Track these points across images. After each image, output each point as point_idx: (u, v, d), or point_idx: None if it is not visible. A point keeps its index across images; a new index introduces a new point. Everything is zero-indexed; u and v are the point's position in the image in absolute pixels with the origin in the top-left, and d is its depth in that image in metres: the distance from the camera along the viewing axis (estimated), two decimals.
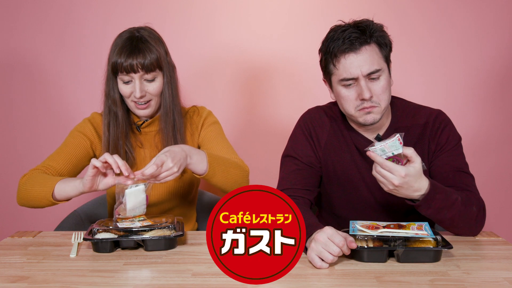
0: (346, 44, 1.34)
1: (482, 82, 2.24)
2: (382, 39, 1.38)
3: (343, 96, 1.39)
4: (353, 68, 1.34)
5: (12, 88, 2.30)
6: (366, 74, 1.34)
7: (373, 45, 1.37)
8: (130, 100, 1.52)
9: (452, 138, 1.45)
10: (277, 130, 2.28)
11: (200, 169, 1.41)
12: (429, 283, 1.08)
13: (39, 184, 1.42)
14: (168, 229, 1.32)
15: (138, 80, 1.48)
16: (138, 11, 2.22)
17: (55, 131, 2.29)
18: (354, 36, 1.34)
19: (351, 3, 2.20)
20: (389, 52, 1.41)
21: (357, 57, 1.34)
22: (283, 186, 1.47)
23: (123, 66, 1.46)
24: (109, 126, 1.54)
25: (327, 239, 1.17)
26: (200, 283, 1.09)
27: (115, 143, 1.54)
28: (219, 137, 1.62)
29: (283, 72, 2.26)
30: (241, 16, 2.24)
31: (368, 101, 1.36)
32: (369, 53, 1.35)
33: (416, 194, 1.24)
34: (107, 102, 1.55)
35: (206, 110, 1.68)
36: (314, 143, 1.51)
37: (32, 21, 2.25)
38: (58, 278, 1.12)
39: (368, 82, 1.36)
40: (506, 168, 2.30)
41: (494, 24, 2.20)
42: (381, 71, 1.36)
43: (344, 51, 1.35)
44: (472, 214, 1.34)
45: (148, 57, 1.47)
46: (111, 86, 1.52)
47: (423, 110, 1.50)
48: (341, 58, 1.36)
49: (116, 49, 1.49)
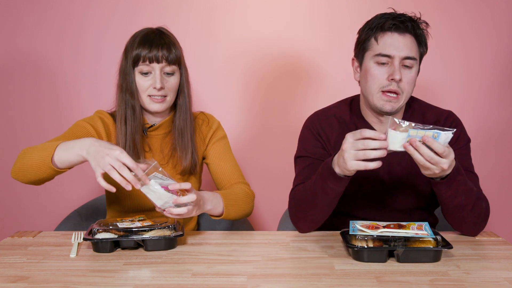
0: (397, 23, 1.38)
1: (482, 82, 2.25)
2: (421, 37, 1.41)
3: (373, 74, 1.40)
4: (393, 46, 1.37)
5: (13, 88, 2.30)
6: (403, 57, 1.37)
7: (413, 38, 1.40)
8: (147, 94, 1.50)
9: (462, 138, 1.47)
10: (289, 131, 2.28)
11: (217, 212, 1.45)
12: (429, 283, 1.08)
13: (37, 150, 1.35)
14: (168, 229, 1.32)
15: (159, 71, 1.47)
16: (139, 9, 2.22)
17: (56, 131, 2.29)
18: (404, 20, 1.39)
19: (358, 3, 2.20)
20: (423, 52, 1.44)
21: (400, 39, 1.38)
22: (297, 182, 1.48)
23: (147, 56, 1.45)
24: (126, 120, 1.51)
25: (353, 140, 1.18)
26: (200, 283, 1.09)
27: (133, 137, 1.50)
28: (227, 154, 1.63)
29: (291, 72, 2.26)
30: (245, 16, 2.23)
31: (395, 84, 1.37)
32: (411, 40, 1.39)
33: (446, 172, 1.23)
34: (123, 96, 1.51)
35: (216, 121, 1.67)
36: (324, 141, 1.51)
37: (32, 20, 2.24)
38: (58, 278, 1.12)
39: (401, 67, 1.38)
40: (506, 168, 2.30)
41: (495, 24, 2.20)
42: (415, 62, 1.39)
43: (391, 28, 1.38)
44: (482, 209, 1.35)
45: (172, 50, 1.48)
46: (129, 79, 1.49)
47: (434, 110, 1.52)
48: (386, 34, 1.39)
49: (138, 40, 1.48)
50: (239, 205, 1.49)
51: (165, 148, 1.58)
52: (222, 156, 1.62)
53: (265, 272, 1.15)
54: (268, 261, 1.23)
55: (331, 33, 2.23)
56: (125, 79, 1.50)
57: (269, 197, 2.32)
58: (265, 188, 2.32)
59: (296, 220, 1.45)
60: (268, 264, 1.21)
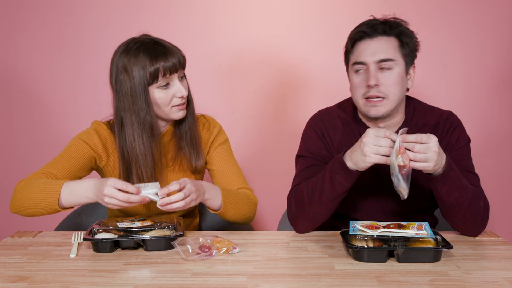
0: (365, 29, 1.40)
1: (482, 83, 2.25)
2: (404, 36, 1.40)
3: (354, 83, 1.43)
4: (365, 52, 1.39)
5: (11, 95, 2.30)
6: (376, 61, 1.37)
7: (392, 39, 1.40)
8: (171, 106, 1.44)
9: (462, 139, 1.47)
10: (290, 132, 2.28)
11: (215, 205, 1.44)
12: (429, 283, 1.08)
13: (40, 191, 1.35)
14: (168, 229, 1.32)
15: (178, 79, 1.44)
16: (135, 20, 2.22)
17: (55, 132, 2.29)
18: (373, 24, 1.40)
19: (362, 3, 2.21)
20: (410, 52, 1.42)
21: (371, 43, 1.39)
22: (296, 182, 1.48)
23: (167, 68, 1.38)
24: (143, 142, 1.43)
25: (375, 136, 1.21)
26: (200, 283, 1.09)
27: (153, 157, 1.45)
28: (229, 159, 1.60)
29: (291, 75, 2.26)
30: (246, 18, 2.24)
31: (374, 89, 1.37)
32: (385, 42, 1.39)
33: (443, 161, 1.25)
34: (136, 118, 1.41)
35: (218, 125, 1.63)
36: (327, 142, 1.51)
37: (28, 33, 2.25)
38: (58, 278, 1.12)
39: (378, 71, 1.38)
40: (506, 168, 2.30)
41: (495, 24, 2.20)
42: (394, 63, 1.38)
43: (361, 36, 1.40)
44: (480, 208, 1.35)
45: (180, 53, 1.44)
46: (143, 99, 1.39)
47: (434, 111, 1.52)
48: (360, 42, 1.41)
49: (145, 56, 1.38)
50: (239, 205, 1.48)
51: (169, 153, 1.56)
52: (224, 161, 1.59)
53: (265, 272, 1.15)
54: (268, 261, 1.23)
55: (331, 33, 2.23)
56: (135, 102, 1.40)
57: (269, 197, 2.32)
58: (265, 188, 2.32)
59: (296, 219, 1.44)
60: (268, 264, 1.21)
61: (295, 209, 1.43)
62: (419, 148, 1.20)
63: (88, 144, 1.49)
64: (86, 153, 1.48)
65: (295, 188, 1.45)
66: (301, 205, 1.40)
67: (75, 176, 1.46)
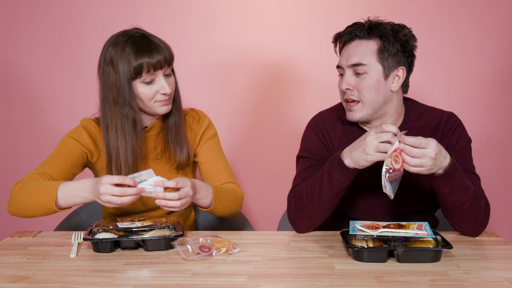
0: (342, 34, 1.44)
1: (482, 83, 2.25)
2: (387, 41, 1.38)
3: (338, 86, 1.46)
4: (342, 56, 1.44)
5: (10, 95, 2.30)
6: (350, 65, 1.39)
7: (372, 42, 1.39)
8: (154, 101, 1.44)
9: (462, 139, 1.47)
10: (289, 131, 2.28)
11: (205, 204, 1.45)
12: (429, 283, 1.08)
13: (36, 193, 1.36)
14: (168, 229, 1.32)
15: (162, 76, 1.44)
16: (134, 20, 2.20)
17: (54, 131, 2.30)
18: (354, 29, 1.41)
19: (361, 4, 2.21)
20: (394, 55, 1.38)
21: (350, 48, 1.42)
22: (296, 182, 1.48)
23: (151, 64, 1.38)
24: (125, 135, 1.44)
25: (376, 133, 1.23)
26: (200, 283, 1.09)
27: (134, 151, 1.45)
28: (217, 153, 1.61)
29: (288, 74, 2.26)
30: (245, 18, 2.24)
31: (349, 92, 1.41)
32: (361, 47, 1.40)
33: (444, 163, 1.25)
34: (119, 109, 1.43)
35: (207, 119, 1.63)
36: (327, 143, 1.52)
37: (27, 33, 2.25)
38: (58, 278, 1.12)
39: (354, 75, 1.40)
40: (506, 168, 2.30)
41: (495, 24, 2.20)
42: (367, 67, 1.38)
43: (341, 41, 1.45)
44: (481, 208, 1.35)
45: (167, 50, 1.43)
46: (126, 92, 1.41)
47: (435, 112, 1.52)
48: (345, 46, 1.45)
49: (131, 50, 1.39)
50: (227, 202, 1.49)
51: (158, 146, 1.57)
52: (213, 155, 1.60)
53: (265, 272, 1.15)
54: (268, 261, 1.23)
55: (331, 33, 2.23)
56: (119, 93, 1.41)
57: (269, 197, 2.32)
58: (265, 188, 2.33)
59: (295, 219, 1.44)
60: (268, 264, 1.21)
61: (294, 209, 1.43)
62: (416, 153, 1.20)
63: (79, 141, 1.51)
64: (77, 150, 1.50)
65: (295, 189, 1.46)
66: (301, 205, 1.40)
67: (69, 173, 1.49)
